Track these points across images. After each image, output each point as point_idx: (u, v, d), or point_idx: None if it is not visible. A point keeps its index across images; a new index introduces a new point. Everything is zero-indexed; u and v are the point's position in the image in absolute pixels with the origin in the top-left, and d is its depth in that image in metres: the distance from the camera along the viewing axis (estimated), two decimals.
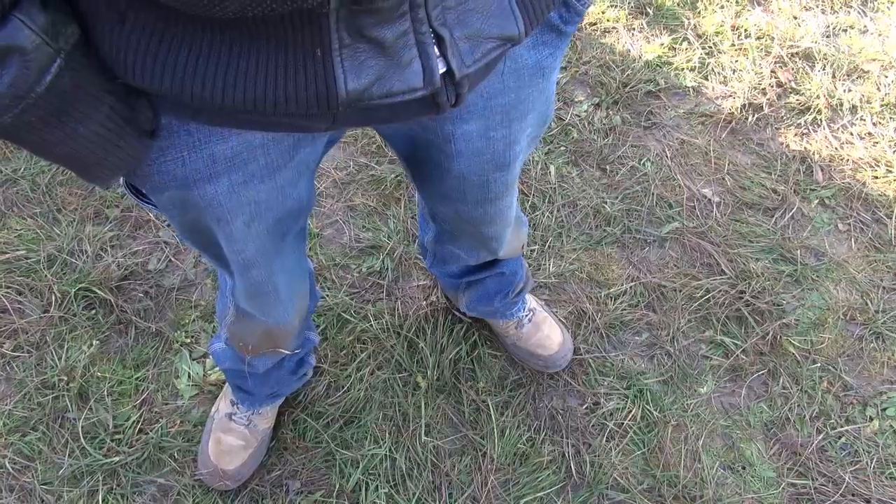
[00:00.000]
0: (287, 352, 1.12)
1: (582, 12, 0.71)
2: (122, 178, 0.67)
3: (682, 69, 1.95)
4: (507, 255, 1.20)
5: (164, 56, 0.49)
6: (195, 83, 0.50)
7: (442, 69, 0.53)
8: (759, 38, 2.01)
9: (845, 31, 2.06)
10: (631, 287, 1.56)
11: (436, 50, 0.52)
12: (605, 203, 1.68)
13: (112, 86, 0.52)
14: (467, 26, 0.53)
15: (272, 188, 0.70)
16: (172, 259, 1.57)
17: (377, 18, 0.48)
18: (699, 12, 2.08)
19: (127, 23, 0.49)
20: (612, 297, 1.54)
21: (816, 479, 1.34)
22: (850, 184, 1.74)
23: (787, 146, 1.81)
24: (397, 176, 1.71)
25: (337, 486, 1.31)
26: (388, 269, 1.56)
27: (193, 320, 1.48)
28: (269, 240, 0.78)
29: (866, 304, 1.55)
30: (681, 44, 2.00)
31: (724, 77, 1.93)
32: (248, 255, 0.77)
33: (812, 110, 1.86)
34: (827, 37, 2.03)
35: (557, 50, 0.74)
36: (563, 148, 1.78)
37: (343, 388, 1.41)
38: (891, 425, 1.41)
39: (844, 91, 1.90)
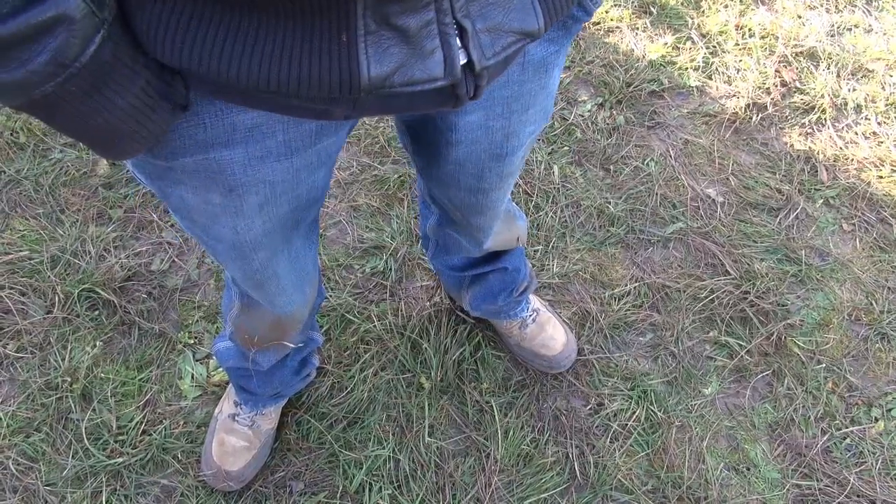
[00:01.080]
0: (291, 345, 1.12)
1: (592, 11, 0.72)
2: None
3: (686, 69, 1.94)
4: (496, 246, 1.20)
5: (193, 34, 0.51)
6: (221, 62, 0.51)
7: (463, 60, 0.54)
8: (763, 37, 2.00)
9: (850, 30, 2.05)
10: (635, 287, 1.55)
11: (458, 41, 0.53)
12: (609, 203, 1.68)
13: (148, 59, 0.53)
14: (489, 19, 0.54)
15: (288, 170, 0.70)
16: (176, 260, 1.57)
17: (403, 7, 0.49)
18: (703, 11, 2.07)
19: (159, 0, 0.50)
20: (615, 298, 1.54)
21: (821, 480, 1.34)
22: (854, 183, 1.73)
23: (792, 146, 1.80)
24: (400, 176, 1.70)
25: (340, 488, 1.30)
26: (391, 269, 1.56)
27: (197, 321, 1.48)
28: (280, 226, 0.78)
29: (871, 305, 1.54)
30: (684, 43, 2.00)
31: (728, 76, 1.93)
32: (255, 235, 0.77)
33: (816, 110, 1.85)
34: (831, 36, 2.03)
35: (562, 47, 0.75)
36: (566, 148, 1.77)
37: (346, 388, 1.41)
38: None
39: (849, 90, 1.90)
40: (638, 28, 2.03)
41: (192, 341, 1.46)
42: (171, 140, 0.62)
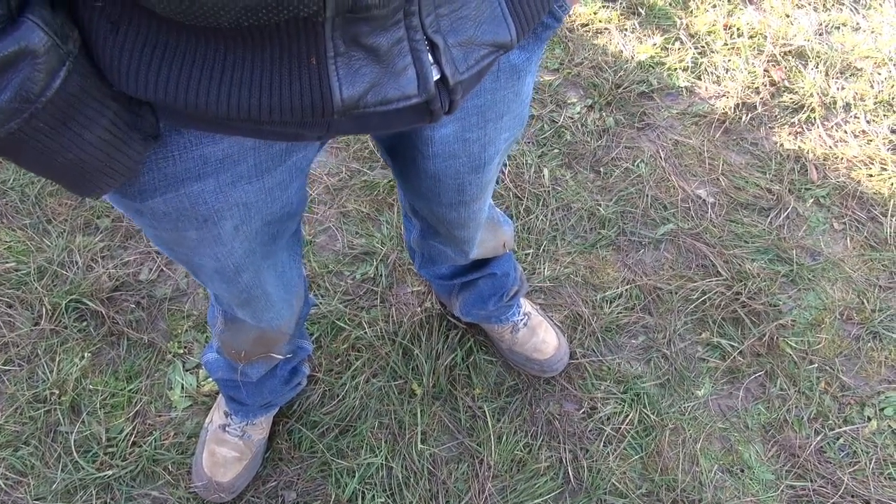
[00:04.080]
0: (280, 357, 1.11)
1: (561, 18, 0.72)
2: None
3: (675, 69, 1.94)
4: (483, 254, 1.20)
5: (158, 65, 0.49)
6: (189, 93, 0.50)
7: (436, 76, 0.54)
8: (751, 36, 2.00)
9: (838, 28, 2.05)
10: (626, 290, 1.55)
11: (430, 57, 0.52)
12: (600, 205, 1.67)
13: (115, 91, 0.52)
14: (461, 33, 0.53)
15: (260, 190, 0.69)
16: (164, 269, 1.56)
17: (372, 26, 0.48)
18: (691, 12, 2.07)
19: (120, 32, 0.48)
20: (607, 301, 1.54)
21: (815, 481, 1.33)
22: (844, 182, 1.73)
23: (782, 145, 1.80)
24: (390, 181, 1.70)
25: (333, 497, 1.30)
26: (381, 275, 1.55)
27: (186, 330, 1.47)
28: (258, 242, 0.77)
29: (863, 304, 1.54)
30: (673, 44, 2.00)
31: (718, 77, 1.93)
32: (237, 259, 0.76)
33: (806, 109, 1.85)
34: (819, 35, 2.03)
35: (533, 54, 0.75)
36: (556, 150, 1.77)
37: (338, 396, 1.40)
38: (889, 425, 1.40)
39: (838, 89, 1.90)
40: (626, 29, 2.03)
41: (182, 351, 1.45)
42: (140, 176, 0.61)
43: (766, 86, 1.90)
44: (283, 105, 0.50)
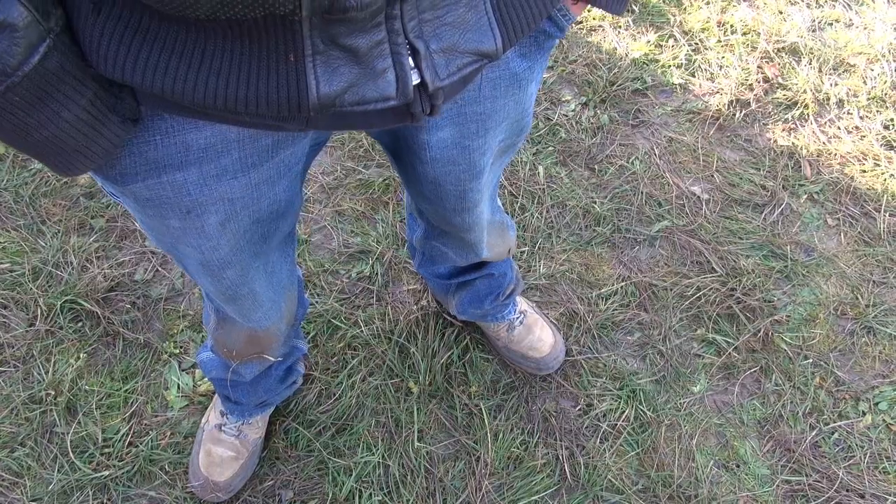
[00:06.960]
0: (272, 358, 1.10)
1: (564, 28, 0.71)
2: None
3: (669, 66, 1.95)
4: (493, 258, 1.20)
5: (137, 50, 0.49)
6: (166, 79, 0.50)
7: (416, 80, 0.53)
8: (745, 33, 2.01)
9: (831, 25, 2.06)
10: (622, 287, 1.55)
11: (410, 61, 0.52)
12: (595, 203, 1.67)
13: (96, 72, 0.52)
14: (443, 40, 0.53)
15: (246, 185, 0.68)
16: (159, 269, 1.55)
17: (350, 28, 0.48)
18: (685, 9, 2.07)
19: (102, 13, 0.49)
20: (603, 298, 1.54)
21: (810, 476, 1.34)
22: (838, 178, 1.74)
23: (775, 142, 1.80)
24: (385, 180, 1.70)
25: (330, 495, 1.30)
26: (377, 273, 1.55)
27: (182, 330, 1.47)
28: (247, 241, 0.77)
29: (857, 299, 1.55)
30: (667, 41, 2.00)
31: (711, 73, 1.93)
32: (223, 255, 0.76)
33: (799, 105, 1.86)
34: (813, 31, 2.04)
35: (536, 63, 0.74)
36: (551, 148, 1.77)
37: (334, 395, 1.40)
38: (883, 419, 1.41)
39: (831, 85, 1.90)
40: (620, 26, 2.03)
41: (178, 351, 1.44)
42: (121, 159, 0.61)
43: (759, 82, 1.91)
44: (259, 98, 0.50)
